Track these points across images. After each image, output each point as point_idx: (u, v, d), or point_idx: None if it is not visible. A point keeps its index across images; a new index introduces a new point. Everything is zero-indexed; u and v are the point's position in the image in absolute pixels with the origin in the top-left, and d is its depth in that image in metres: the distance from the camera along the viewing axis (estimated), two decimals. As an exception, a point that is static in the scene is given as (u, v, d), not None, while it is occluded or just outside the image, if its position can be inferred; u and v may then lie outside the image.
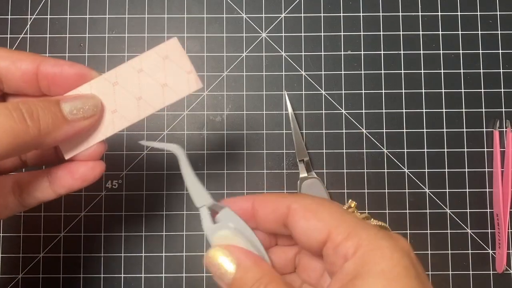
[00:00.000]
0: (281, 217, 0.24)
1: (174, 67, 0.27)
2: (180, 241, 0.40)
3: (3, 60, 0.26)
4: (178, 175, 0.41)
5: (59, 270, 0.40)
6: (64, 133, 0.25)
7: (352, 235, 0.21)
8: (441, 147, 0.41)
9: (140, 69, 0.27)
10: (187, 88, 0.27)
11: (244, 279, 0.22)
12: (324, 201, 0.24)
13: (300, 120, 0.42)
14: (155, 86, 0.27)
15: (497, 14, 0.43)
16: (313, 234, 0.22)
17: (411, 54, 0.42)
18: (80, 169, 0.28)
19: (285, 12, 0.43)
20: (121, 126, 0.27)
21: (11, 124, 0.23)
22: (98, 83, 0.27)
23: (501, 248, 0.40)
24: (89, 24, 0.42)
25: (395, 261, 0.20)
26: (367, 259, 0.20)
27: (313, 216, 0.22)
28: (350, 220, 0.22)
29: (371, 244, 0.20)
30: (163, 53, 0.27)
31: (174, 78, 0.27)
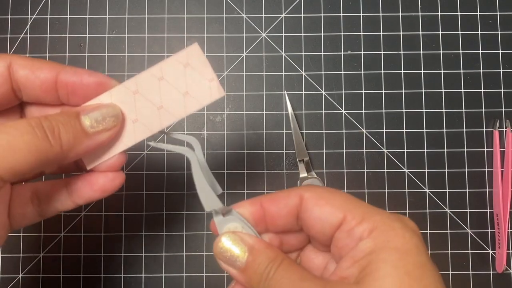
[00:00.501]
0: (293, 209, 0.24)
1: (196, 75, 0.27)
2: (180, 241, 0.40)
3: (23, 69, 0.26)
4: (178, 175, 0.41)
5: (59, 270, 0.40)
6: (86, 147, 0.25)
7: (367, 218, 0.22)
8: (441, 147, 0.41)
9: (161, 77, 0.27)
10: (209, 96, 0.27)
11: (257, 261, 0.23)
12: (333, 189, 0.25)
13: (300, 120, 0.42)
14: (176, 94, 0.27)
15: (497, 14, 0.43)
16: (328, 220, 0.23)
17: (411, 54, 0.42)
18: (100, 180, 0.28)
19: (285, 12, 0.43)
20: (143, 136, 0.27)
21: (35, 142, 0.23)
22: (118, 92, 0.27)
23: (501, 248, 0.40)
24: (89, 24, 0.42)
25: (407, 239, 0.22)
26: (382, 238, 0.22)
27: (326, 202, 0.23)
28: (363, 205, 0.23)
29: (385, 225, 0.22)
30: (184, 60, 0.26)
31: (196, 86, 0.26)
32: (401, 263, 0.21)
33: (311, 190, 0.24)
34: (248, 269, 0.23)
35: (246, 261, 0.23)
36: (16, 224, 0.29)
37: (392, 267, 0.21)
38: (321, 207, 0.23)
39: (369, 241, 0.22)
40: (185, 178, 0.41)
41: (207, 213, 0.41)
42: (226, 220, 0.25)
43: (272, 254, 0.23)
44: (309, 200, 0.24)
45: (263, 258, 0.23)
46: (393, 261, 0.21)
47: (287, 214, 0.25)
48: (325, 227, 0.23)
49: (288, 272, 0.22)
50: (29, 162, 0.23)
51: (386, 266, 0.21)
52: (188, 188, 0.41)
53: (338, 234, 0.23)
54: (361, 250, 0.22)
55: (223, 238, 0.24)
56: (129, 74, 0.42)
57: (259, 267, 0.23)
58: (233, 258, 0.23)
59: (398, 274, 0.20)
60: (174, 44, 0.42)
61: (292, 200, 0.24)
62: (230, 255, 0.23)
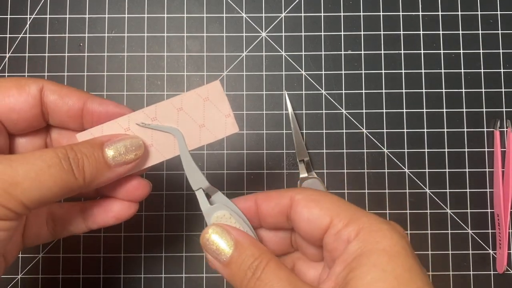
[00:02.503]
0: (284, 209, 0.25)
1: (213, 109, 0.28)
2: (180, 241, 0.40)
3: (53, 94, 0.27)
4: (178, 175, 0.41)
5: (59, 271, 0.40)
6: (107, 179, 0.26)
7: (353, 220, 0.23)
8: (441, 147, 0.41)
9: (180, 108, 0.27)
10: (224, 131, 0.28)
11: (241, 257, 0.23)
12: (326, 192, 0.25)
13: (300, 120, 0.42)
14: (193, 125, 0.28)
15: (498, 14, 0.43)
16: (316, 222, 0.23)
17: (412, 54, 0.42)
18: (115, 207, 0.29)
19: (285, 12, 0.43)
20: (156, 161, 0.28)
21: (61, 176, 0.24)
22: (136, 117, 0.27)
23: (501, 248, 0.40)
24: (88, 24, 0.42)
25: (395, 241, 0.22)
26: (369, 239, 0.22)
27: (316, 205, 0.24)
28: (350, 207, 0.23)
29: (372, 226, 0.22)
30: (204, 94, 0.27)
31: (212, 120, 0.28)
32: (390, 266, 0.21)
33: (302, 193, 0.25)
34: (232, 264, 0.23)
35: (231, 256, 0.23)
36: (29, 243, 0.30)
37: (381, 271, 0.21)
38: (310, 209, 0.24)
39: (357, 243, 0.22)
40: (184, 178, 0.41)
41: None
42: (214, 208, 0.26)
43: (257, 251, 0.23)
44: (300, 202, 0.24)
45: (247, 254, 0.23)
46: (382, 264, 0.21)
47: (278, 213, 0.25)
48: (313, 229, 0.24)
49: (276, 276, 0.22)
50: (53, 193, 0.24)
51: (376, 269, 0.21)
52: (188, 188, 0.41)
53: (327, 238, 0.23)
54: (350, 252, 0.22)
55: (210, 230, 0.24)
56: (128, 74, 0.42)
57: (243, 263, 0.23)
58: (218, 251, 0.23)
59: (387, 277, 0.20)
60: (174, 44, 0.42)
61: (284, 200, 0.25)
62: (216, 248, 0.24)
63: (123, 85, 0.42)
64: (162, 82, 0.42)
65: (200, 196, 0.26)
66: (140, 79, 0.42)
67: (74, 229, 0.30)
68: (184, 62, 0.42)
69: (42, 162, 0.23)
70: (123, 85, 0.42)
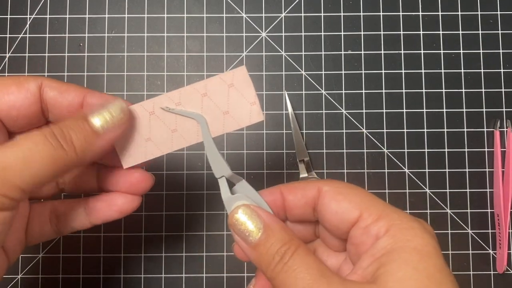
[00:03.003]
0: (311, 200, 0.24)
1: (238, 96, 0.27)
2: (180, 241, 0.40)
3: (52, 90, 0.27)
4: (178, 175, 0.41)
5: (59, 271, 0.40)
6: (99, 148, 0.26)
7: (383, 216, 0.22)
8: (441, 147, 0.41)
9: (204, 93, 0.27)
10: (248, 119, 0.27)
11: (270, 241, 0.22)
12: (353, 185, 0.25)
13: (300, 120, 0.42)
14: (216, 112, 0.27)
15: (498, 14, 0.43)
16: (344, 216, 0.23)
17: (412, 54, 0.42)
18: (119, 201, 0.29)
19: (285, 12, 0.43)
20: (178, 146, 0.27)
21: (50, 152, 0.23)
22: (161, 101, 0.27)
23: (501, 248, 0.40)
24: (88, 24, 0.42)
25: (426, 240, 0.21)
26: (400, 237, 0.21)
27: (344, 198, 0.23)
28: (379, 202, 0.23)
29: (403, 224, 0.22)
30: (229, 80, 0.27)
31: (237, 107, 0.27)
32: (421, 265, 0.20)
33: (330, 184, 0.24)
34: (260, 246, 0.22)
35: (259, 238, 0.22)
36: (32, 240, 0.30)
37: (413, 269, 0.20)
38: (339, 202, 0.23)
39: (387, 239, 0.22)
40: (184, 178, 0.41)
41: (206, 213, 0.41)
42: (235, 198, 0.25)
43: (287, 236, 0.22)
44: (327, 194, 0.24)
45: (277, 238, 0.22)
46: (414, 262, 0.20)
47: (304, 205, 0.25)
48: (341, 222, 0.23)
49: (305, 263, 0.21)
50: (47, 172, 0.24)
51: (407, 267, 0.20)
52: (188, 188, 0.41)
53: (354, 231, 0.23)
54: (380, 248, 0.22)
55: (240, 210, 0.24)
56: (128, 74, 0.42)
57: (272, 247, 0.22)
58: (247, 232, 0.23)
59: (419, 276, 0.20)
60: (174, 43, 0.42)
61: (310, 191, 0.24)
62: (244, 228, 0.23)
63: (123, 85, 0.42)
64: (162, 82, 0.42)
65: (222, 184, 0.25)
66: (140, 79, 0.42)
67: (78, 225, 0.30)
68: (184, 62, 0.42)
69: (29, 142, 0.23)
70: (123, 85, 0.42)
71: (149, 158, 0.27)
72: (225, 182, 0.26)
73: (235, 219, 0.23)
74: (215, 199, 0.41)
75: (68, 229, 0.30)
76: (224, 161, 0.26)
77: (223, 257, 0.40)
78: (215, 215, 0.40)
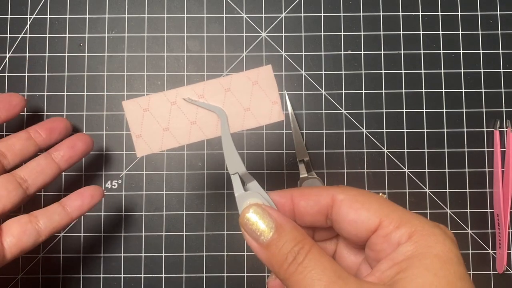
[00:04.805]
0: (324, 208, 0.24)
1: (261, 94, 0.27)
2: (180, 241, 0.40)
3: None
4: (178, 175, 0.41)
5: (59, 270, 0.40)
6: None
7: (404, 223, 0.22)
8: (441, 147, 0.41)
9: (228, 88, 0.27)
10: (268, 118, 0.27)
11: (282, 240, 0.22)
12: (368, 192, 0.24)
13: (300, 120, 0.42)
14: (238, 107, 0.27)
15: (498, 14, 0.43)
16: (363, 224, 0.22)
17: (412, 54, 0.42)
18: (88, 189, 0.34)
19: (285, 12, 0.43)
20: (197, 138, 0.27)
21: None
22: (184, 91, 0.27)
23: (501, 248, 0.40)
24: (88, 24, 0.42)
25: (448, 247, 0.21)
26: (422, 243, 0.21)
27: (362, 206, 0.23)
28: (398, 209, 0.23)
29: (425, 230, 0.21)
30: (254, 77, 0.27)
31: (258, 105, 0.27)
32: (442, 272, 0.20)
33: (345, 192, 0.24)
34: (272, 246, 0.22)
35: (271, 238, 0.22)
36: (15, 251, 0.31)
37: (434, 276, 0.20)
38: (356, 211, 0.23)
39: (409, 245, 0.21)
40: (185, 178, 0.41)
41: (206, 213, 0.41)
42: (247, 194, 0.25)
43: (299, 236, 0.22)
44: (344, 202, 0.23)
45: (289, 237, 0.22)
46: (435, 269, 0.20)
47: (317, 212, 0.24)
48: (360, 231, 0.23)
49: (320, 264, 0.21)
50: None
51: (428, 274, 0.20)
52: (188, 188, 0.41)
53: (375, 239, 0.23)
54: (401, 253, 0.21)
55: (251, 209, 0.23)
56: (128, 74, 0.42)
57: (284, 246, 0.22)
58: (258, 232, 0.22)
59: (439, 283, 0.20)
60: (174, 44, 0.42)
61: (324, 199, 0.24)
62: (256, 228, 0.22)
63: (123, 85, 0.42)
64: (162, 82, 0.42)
65: (235, 180, 0.25)
66: (140, 79, 0.42)
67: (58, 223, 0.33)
68: (184, 62, 0.42)
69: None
70: (123, 85, 0.42)
71: (165, 148, 0.27)
72: (238, 179, 0.25)
73: (246, 219, 0.23)
74: (215, 199, 0.41)
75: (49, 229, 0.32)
76: (239, 158, 0.26)
77: (223, 257, 0.40)
78: (215, 215, 0.40)
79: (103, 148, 0.41)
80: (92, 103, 0.41)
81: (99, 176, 0.41)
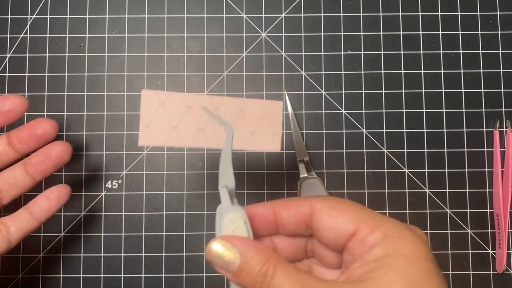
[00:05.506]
0: (304, 218, 0.25)
1: (267, 124, 0.30)
2: (180, 241, 0.40)
3: None
4: (178, 175, 0.41)
5: (59, 270, 0.40)
6: None
7: (378, 227, 0.23)
8: (441, 147, 0.41)
9: (241, 110, 0.29)
10: (268, 146, 0.30)
11: (250, 264, 0.23)
12: (345, 200, 0.26)
13: (300, 120, 0.42)
14: (245, 129, 0.29)
15: (497, 14, 0.43)
16: (341, 230, 0.24)
17: (411, 54, 0.42)
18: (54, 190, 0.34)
19: (285, 12, 0.43)
20: (200, 145, 0.28)
21: None
22: (202, 99, 0.28)
23: (501, 248, 0.40)
24: (89, 24, 0.42)
25: (416, 247, 0.22)
26: (393, 245, 0.23)
27: (339, 213, 0.24)
28: (374, 214, 0.24)
29: (397, 233, 0.23)
30: (266, 107, 0.30)
31: (262, 132, 0.30)
32: (407, 269, 0.21)
33: (323, 201, 0.25)
34: (242, 273, 0.23)
35: (238, 266, 0.23)
36: None
37: (398, 273, 0.21)
38: (334, 218, 0.24)
39: (380, 248, 0.23)
40: (185, 178, 0.41)
41: (206, 213, 0.41)
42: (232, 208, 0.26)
43: (263, 257, 0.23)
44: (322, 211, 0.25)
45: (254, 261, 0.23)
46: (400, 267, 0.21)
47: (298, 222, 0.26)
48: (338, 237, 0.24)
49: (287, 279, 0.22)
50: None
51: (393, 272, 0.21)
52: (188, 188, 0.41)
53: (352, 243, 0.24)
54: (372, 255, 0.23)
55: (214, 244, 0.24)
56: (129, 74, 0.42)
57: (252, 271, 0.23)
58: (226, 264, 0.24)
59: (403, 279, 0.21)
60: (174, 44, 0.42)
61: (304, 208, 0.25)
62: (223, 261, 0.24)
63: (124, 85, 0.42)
64: (163, 82, 0.42)
65: (223, 193, 0.26)
66: (141, 79, 0.42)
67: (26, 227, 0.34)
68: (184, 62, 0.42)
69: None
70: (123, 85, 0.42)
71: (168, 145, 0.28)
72: (226, 192, 0.26)
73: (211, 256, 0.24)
74: (215, 199, 0.41)
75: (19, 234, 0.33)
76: (232, 174, 0.27)
77: (223, 257, 0.40)
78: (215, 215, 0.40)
79: (103, 148, 0.41)
80: (92, 103, 0.42)
81: (99, 176, 0.41)
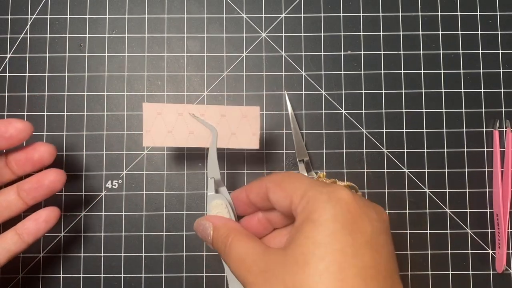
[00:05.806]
0: (265, 195, 0.30)
1: (246, 125, 0.35)
2: (180, 241, 0.40)
3: None
4: (178, 175, 0.41)
5: (59, 270, 0.40)
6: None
7: (304, 195, 0.27)
8: (441, 147, 0.41)
9: (224, 115, 0.35)
10: (247, 144, 0.35)
11: (218, 235, 0.30)
12: (290, 173, 0.31)
13: (300, 120, 0.42)
14: (227, 130, 0.35)
15: (497, 14, 0.43)
16: (282, 203, 0.28)
17: (411, 54, 0.42)
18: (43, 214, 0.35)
19: (285, 12, 0.43)
20: (193, 144, 0.35)
21: None
22: (191, 108, 0.35)
23: (501, 248, 0.40)
24: (89, 24, 0.42)
25: (327, 210, 0.25)
26: (309, 210, 0.26)
27: (280, 189, 0.29)
28: (305, 184, 0.27)
29: (314, 199, 0.26)
30: (244, 112, 0.35)
31: (242, 133, 0.35)
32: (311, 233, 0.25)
33: (271, 179, 0.30)
34: (214, 240, 0.31)
35: (212, 236, 0.31)
36: None
37: (305, 238, 0.25)
38: (276, 194, 0.29)
39: (300, 215, 0.26)
40: (185, 178, 0.41)
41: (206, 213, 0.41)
42: (216, 196, 0.33)
43: (227, 230, 0.30)
44: (269, 188, 0.29)
45: (221, 233, 0.30)
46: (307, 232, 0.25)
47: (261, 199, 0.30)
48: (283, 209, 0.28)
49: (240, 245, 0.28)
50: None
51: (301, 237, 0.25)
52: (188, 188, 0.41)
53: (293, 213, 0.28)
54: (296, 221, 0.27)
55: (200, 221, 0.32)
56: (129, 74, 0.42)
57: (219, 239, 0.30)
58: (206, 234, 0.31)
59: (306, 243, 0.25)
60: (174, 44, 0.42)
61: (261, 188, 0.30)
62: (204, 231, 0.31)
63: (124, 86, 0.42)
64: (163, 82, 0.42)
65: (210, 183, 0.34)
66: (141, 80, 0.42)
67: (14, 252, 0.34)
68: (184, 63, 0.42)
69: None
70: (123, 86, 0.42)
71: (165, 145, 0.35)
72: (213, 183, 0.33)
73: (196, 228, 0.32)
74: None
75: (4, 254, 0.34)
76: (218, 167, 0.34)
77: (223, 257, 0.40)
78: (215, 215, 0.41)
79: (103, 148, 0.41)
80: (93, 103, 0.42)
81: (99, 176, 0.41)
